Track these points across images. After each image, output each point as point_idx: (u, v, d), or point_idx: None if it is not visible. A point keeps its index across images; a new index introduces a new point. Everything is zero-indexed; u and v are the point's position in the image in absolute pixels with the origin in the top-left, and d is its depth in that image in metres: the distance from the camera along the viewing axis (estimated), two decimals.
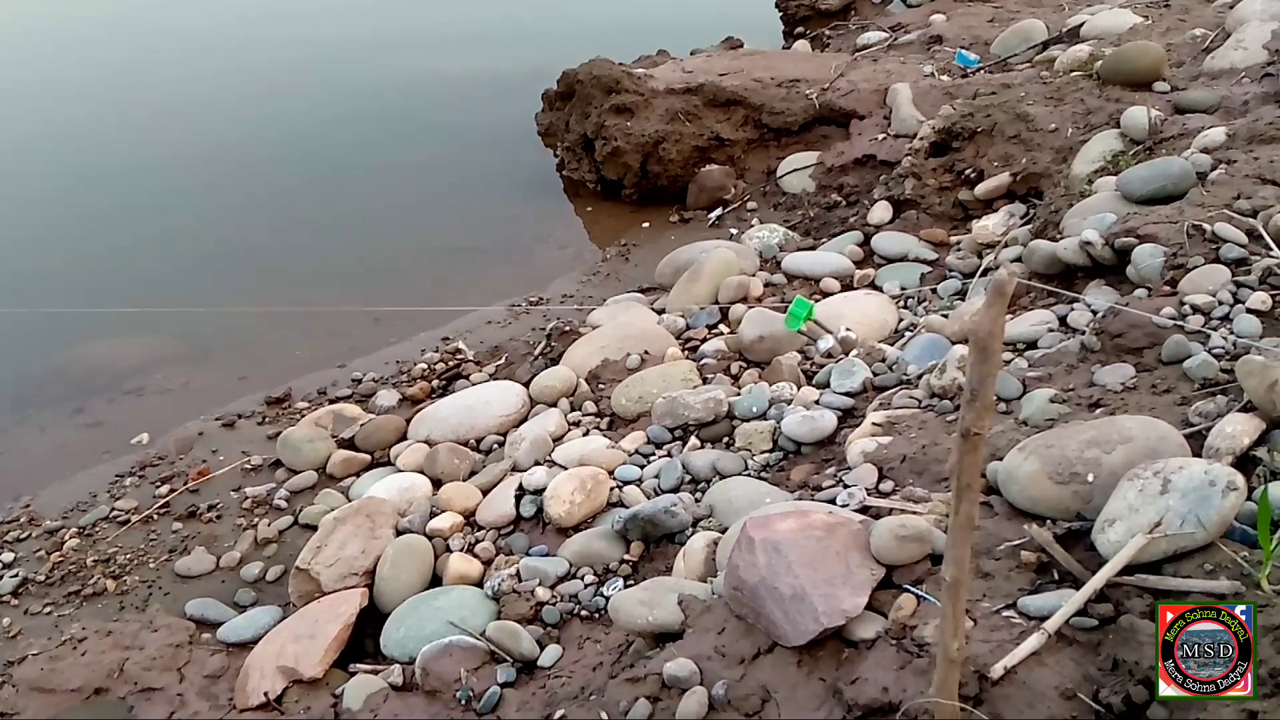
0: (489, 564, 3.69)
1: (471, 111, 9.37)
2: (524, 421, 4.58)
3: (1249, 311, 3.29)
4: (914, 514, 2.76)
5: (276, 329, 5.87)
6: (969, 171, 5.76)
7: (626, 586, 3.26)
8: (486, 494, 4.07)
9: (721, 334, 5.01)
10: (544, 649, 3.18)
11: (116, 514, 4.50)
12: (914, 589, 2.46)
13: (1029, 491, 2.67)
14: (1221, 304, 3.38)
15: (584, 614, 3.31)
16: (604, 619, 3.22)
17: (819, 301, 5.03)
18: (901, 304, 5.03)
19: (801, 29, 9.92)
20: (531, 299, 6.17)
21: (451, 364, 5.36)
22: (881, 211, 5.98)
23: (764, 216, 6.72)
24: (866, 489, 3.11)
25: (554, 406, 4.62)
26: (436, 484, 4.25)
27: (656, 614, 2.81)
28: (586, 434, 4.36)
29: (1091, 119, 5.42)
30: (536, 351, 5.22)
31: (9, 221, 7.90)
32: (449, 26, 12.11)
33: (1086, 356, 3.50)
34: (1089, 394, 3.22)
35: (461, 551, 3.77)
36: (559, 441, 4.30)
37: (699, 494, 3.66)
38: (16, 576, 4.15)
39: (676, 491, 3.69)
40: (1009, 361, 3.72)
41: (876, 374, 4.08)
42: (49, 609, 3.98)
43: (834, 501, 3.07)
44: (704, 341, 4.95)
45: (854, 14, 9.69)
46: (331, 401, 5.19)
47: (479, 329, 5.87)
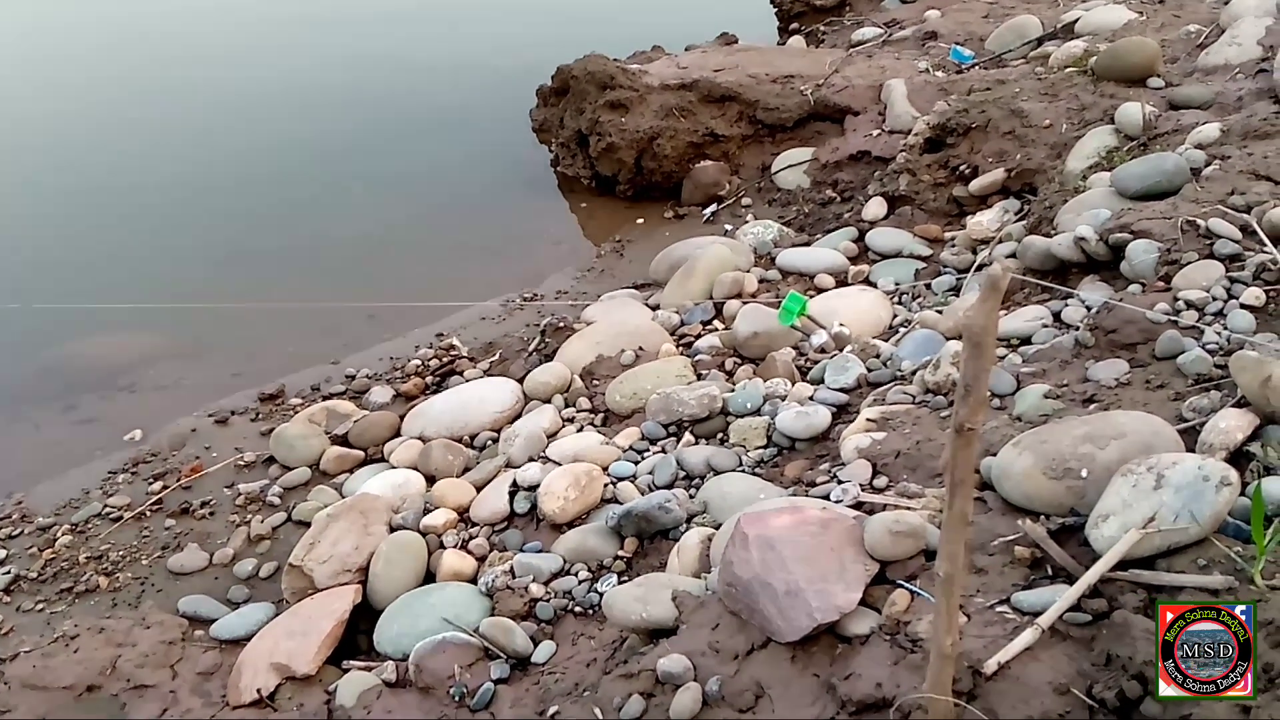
0: (483, 560, 3.69)
1: (465, 107, 9.34)
2: (518, 418, 4.58)
3: (1243, 307, 3.29)
4: (908, 509, 2.76)
5: (270, 325, 5.85)
6: (963, 167, 5.76)
7: (620, 583, 3.26)
8: (480, 490, 4.06)
9: (716, 330, 5.01)
10: (538, 645, 3.17)
11: (109, 511, 4.48)
12: (908, 584, 2.46)
13: (1023, 487, 2.67)
14: (1215, 300, 3.38)
15: (578, 610, 3.30)
16: (598, 615, 3.22)
17: (813, 298, 5.02)
18: (896, 300, 5.03)
19: (796, 25, 9.90)
20: (526, 295, 6.16)
21: (445, 360, 5.35)
22: (876, 207, 5.98)
23: (759, 213, 6.71)
24: (861, 485, 3.10)
25: (548, 403, 4.62)
26: (430, 480, 4.25)
27: (650, 610, 2.81)
28: (580, 430, 4.35)
29: (1086, 115, 5.42)
30: (531, 348, 5.21)
31: (2, 218, 7.86)
32: (442, 22, 12.08)
33: (1080, 352, 3.50)
34: (1083, 389, 3.22)
35: (455, 548, 3.76)
36: (553, 438, 4.30)
37: (693, 490, 3.66)
38: (9, 574, 4.13)
39: (670, 488, 3.69)
40: (1003, 357, 3.72)
41: (871, 370, 4.08)
42: (41, 606, 3.97)
43: (828, 497, 3.07)
44: (698, 338, 4.95)
45: (849, 10, 9.68)
46: (325, 398, 5.18)
47: (473, 325, 5.86)
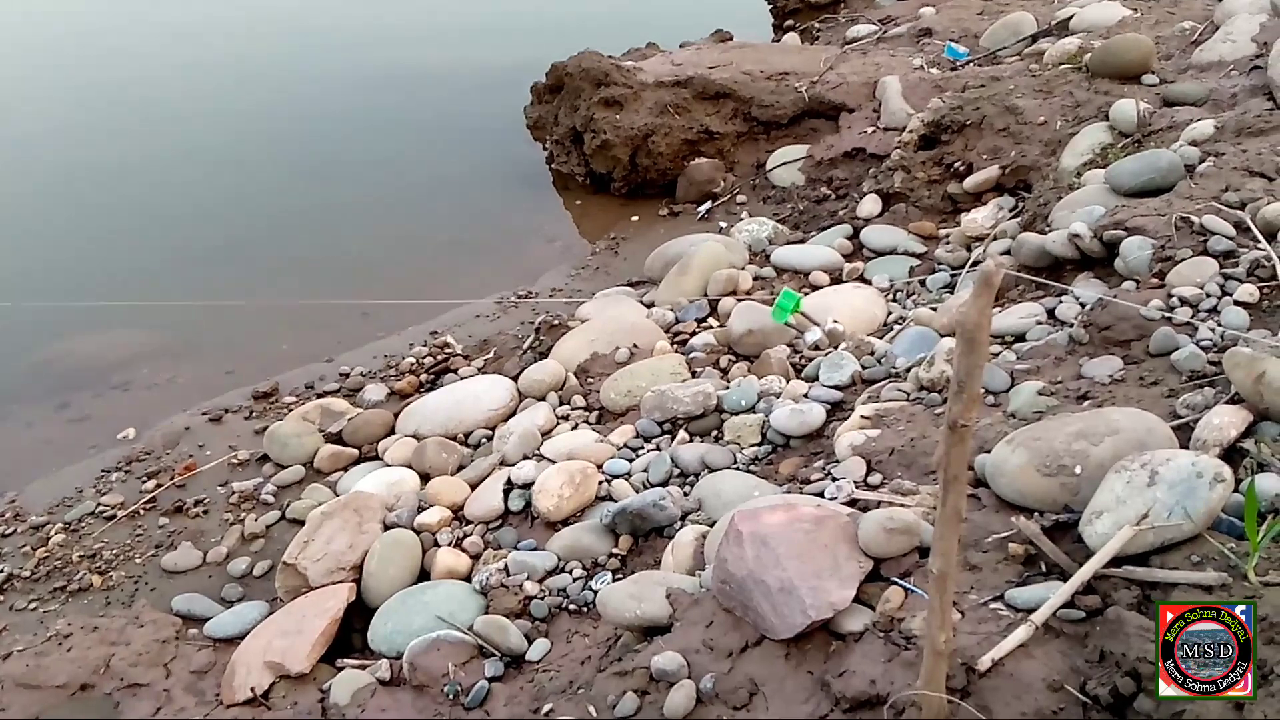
0: (477, 558, 3.68)
1: (459, 105, 9.34)
2: (512, 415, 4.57)
3: (1237, 304, 3.29)
4: (902, 506, 2.75)
5: (263, 323, 5.84)
6: (958, 164, 5.77)
7: (615, 580, 3.25)
8: (475, 488, 4.05)
9: (710, 327, 5.00)
10: (532, 643, 3.17)
11: (102, 509, 4.47)
12: (902, 581, 2.46)
13: (1017, 484, 2.67)
14: (1209, 296, 3.38)
15: (572, 608, 3.30)
16: (592, 613, 3.21)
17: (808, 295, 5.03)
18: (890, 297, 5.03)
19: (791, 22, 9.92)
20: (520, 293, 6.15)
21: (440, 358, 5.34)
22: (871, 205, 5.98)
23: (753, 210, 6.72)
24: (855, 482, 3.10)
25: (542, 400, 4.61)
26: (424, 478, 4.23)
27: (644, 608, 2.81)
28: (575, 428, 4.35)
29: (1080, 112, 5.43)
30: (525, 345, 5.21)
31: None
32: (436, 19, 12.06)
33: (1075, 349, 3.50)
34: (1077, 386, 3.22)
35: (449, 546, 3.75)
36: (547, 435, 4.29)
37: (687, 487, 3.65)
38: (1, 573, 4.12)
39: (665, 485, 3.68)
40: (997, 354, 3.72)
41: (865, 367, 4.08)
42: (34, 605, 3.96)
43: (822, 494, 3.06)
44: (693, 335, 4.94)
45: (843, 7, 9.69)
46: (319, 396, 5.17)
47: (467, 323, 5.85)
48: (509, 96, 8.50)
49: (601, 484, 3.80)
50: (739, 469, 3.69)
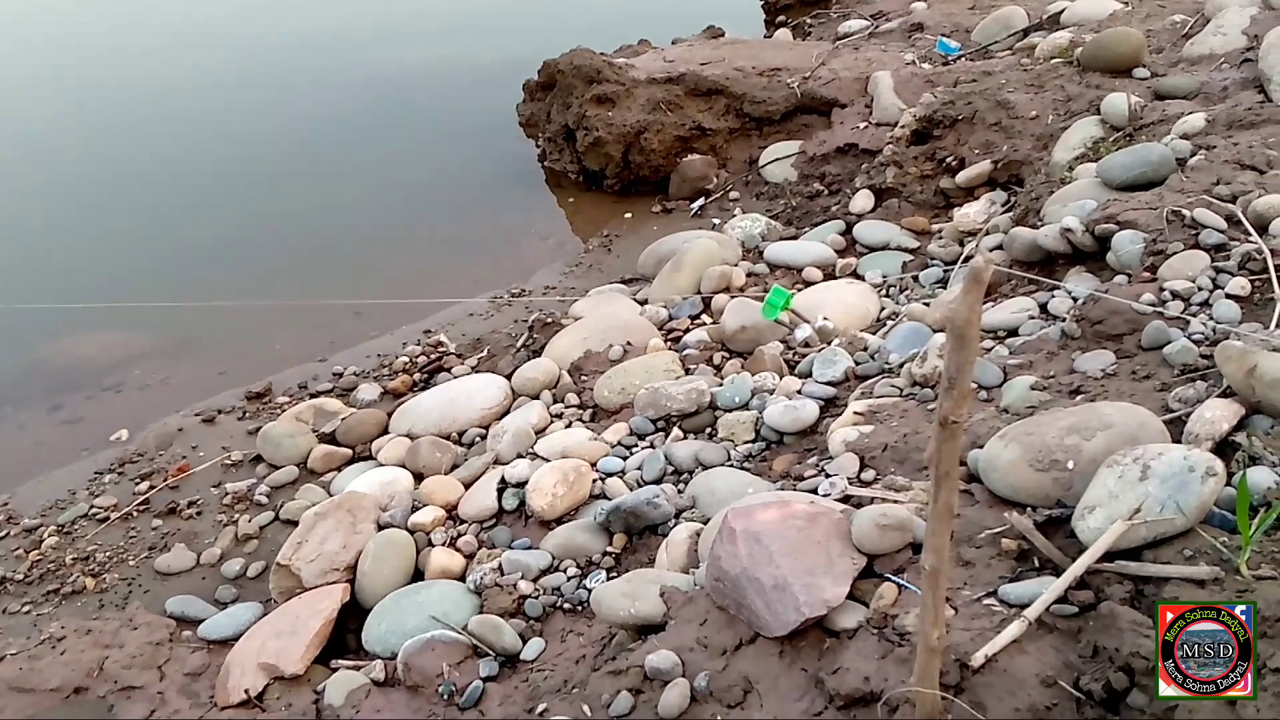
0: (471, 558, 3.68)
1: (451, 102, 9.31)
2: (506, 414, 4.57)
3: (1228, 297, 3.29)
4: (895, 503, 2.75)
5: (256, 323, 5.82)
6: (950, 159, 5.77)
7: (609, 579, 3.25)
8: (468, 487, 4.05)
9: (704, 324, 5.00)
10: (526, 642, 3.16)
11: (96, 511, 4.46)
12: (895, 578, 2.46)
13: (1009, 479, 2.67)
14: (1201, 290, 3.38)
15: (566, 607, 3.29)
16: (586, 612, 3.21)
17: (801, 291, 5.03)
18: (883, 293, 5.03)
19: (783, 17, 9.90)
20: (513, 291, 6.14)
21: (433, 357, 5.33)
22: (863, 200, 5.98)
23: (746, 206, 6.71)
24: (848, 478, 3.10)
25: (536, 399, 4.61)
26: (418, 478, 4.23)
27: (639, 606, 2.81)
28: (569, 426, 4.34)
29: (1072, 106, 5.42)
30: (518, 343, 5.20)
31: None
32: (427, 16, 12.03)
33: (1067, 343, 3.50)
34: (1069, 381, 3.22)
35: (443, 545, 3.74)
36: (541, 434, 4.29)
37: (681, 485, 3.65)
38: None
39: (659, 483, 3.69)
40: (989, 349, 3.72)
41: (858, 363, 4.08)
42: (27, 608, 3.95)
43: (816, 491, 3.06)
44: (686, 332, 4.93)
45: (835, 2, 9.66)
46: (312, 396, 5.16)
47: (460, 321, 5.84)
48: (501, 94, 8.48)
49: (595, 482, 3.80)
50: (733, 466, 3.69)
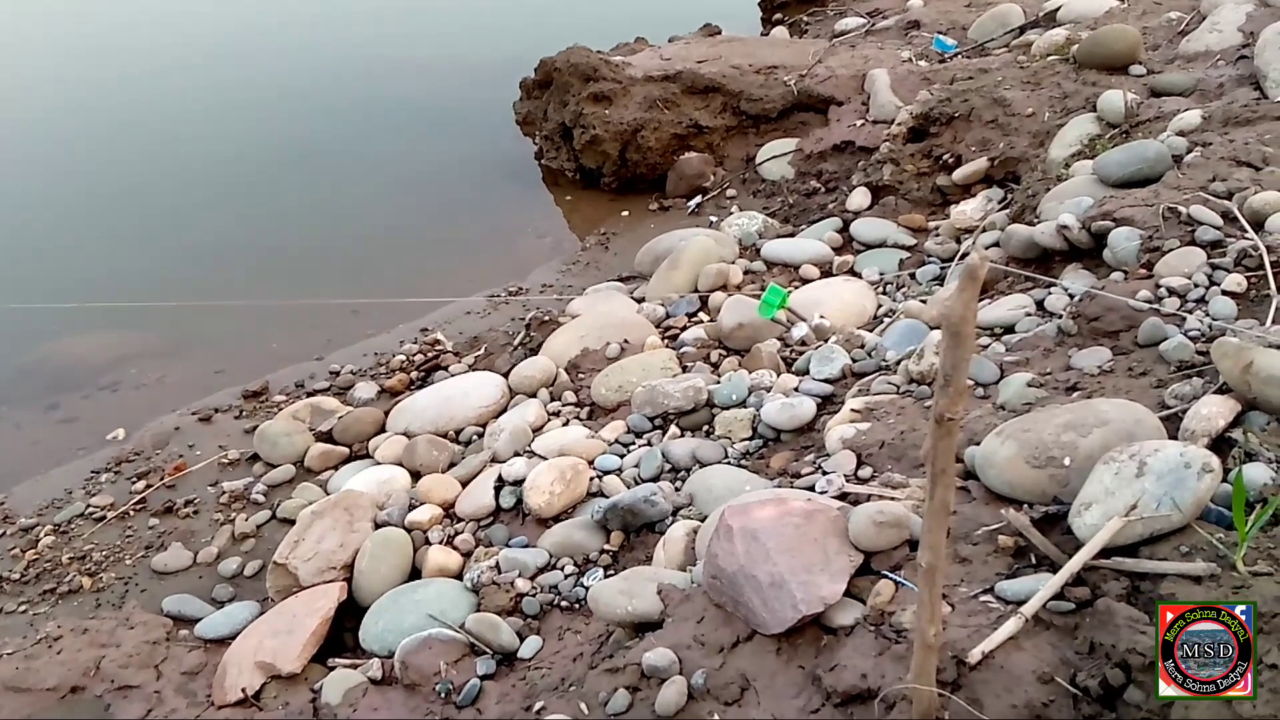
0: (468, 556, 3.67)
1: (448, 100, 9.29)
2: (503, 412, 4.56)
3: (1224, 294, 3.30)
4: (892, 500, 2.76)
5: (253, 322, 5.81)
6: (947, 157, 5.77)
7: (606, 577, 3.25)
8: (466, 486, 4.04)
9: (701, 322, 5.00)
10: (524, 640, 3.16)
11: (92, 511, 4.45)
12: (892, 575, 2.46)
13: (1006, 476, 2.67)
14: (1197, 286, 3.39)
15: (564, 605, 3.29)
16: (584, 610, 3.21)
17: (798, 288, 5.03)
18: (880, 290, 5.03)
19: (779, 15, 9.88)
20: (510, 289, 6.14)
21: (430, 355, 5.33)
22: (860, 198, 5.98)
23: (743, 204, 6.70)
24: (845, 475, 3.10)
25: (533, 397, 4.60)
26: (415, 476, 4.23)
27: (636, 604, 2.81)
28: (566, 424, 4.34)
29: (1068, 103, 5.42)
30: (516, 342, 5.20)
31: None
32: (423, 14, 12.02)
33: (1063, 340, 3.50)
34: (1066, 378, 3.22)
35: (441, 544, 3.74)
36: (538, 432, 4.28)
37: (679, 483, 3.65)
38: None
39: (656, 480, 3.68)
40: (986, 346, 3.72)
41: (855, 360, 4.08)
42: (24, 607, 3.94)
43: (813, 488, 3.07)
44: (684, 330, 4.93)
45: (831, 0, 9.66)
46: (309, 394, 5.15)
47: (458, 320, 5.83)
48: (497, 92, 8.47)
49: (593, 480, 3.80)
50: (730, 464, 3.69)
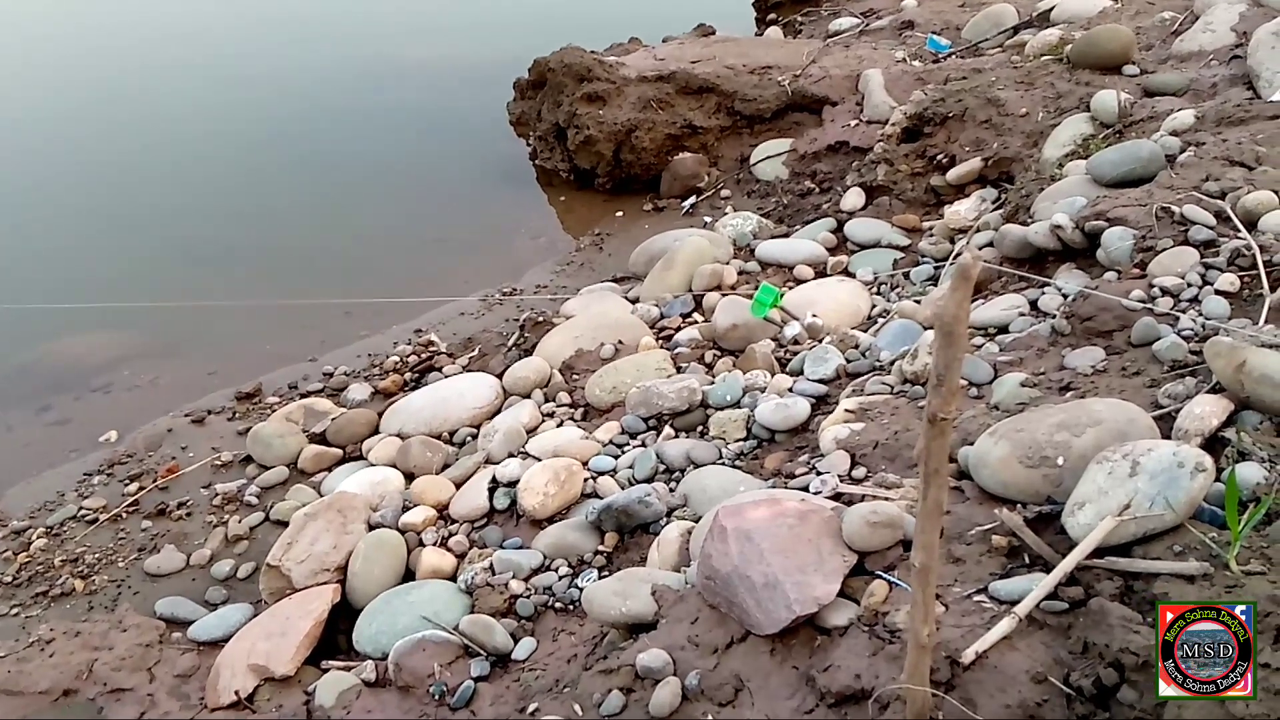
0: (462, 557, 3.67)
1: (442, 100, 9.29)
2: (497, 413, 4.55)
3: (1217, 293, 3.30)
4: (886, 500, 2.75)
5: (246, 323, 5.80)
6: (941, 157, 5.77)
7: (600, 578, 3.24)
8: (459, 487, 4.04)
9: (695, 322, 4.99)
10: (518, 642, 3.16)
11: (85, 513, 4.44)
12: (886, 575, 2.46)
13: (999, 475, 2.67)
14: (1190, 286, 3.39)
15: (558, 606, 3.29)
16: (578, 611, 3.21)
17: (792, 289, 5.03)
18: (874, 290, 5.03)
19: (773, 16, 9.90)
20: (505, 289, 6.13)
21: (424, 356, 5.32)
22: (854, 198, 5.98)
23: (738, 204, 6.70)
24: (839, 476, 3.10)
25: (527, 398, 4.60)
26: (409, 478, 4.22)
27: (630, 605, 2.80)
28: (560, 425, 4.33)
29: (1062, 103, 5.43)
30: (510, 342, 5.19)
31: None
32: (417, 14, 12.01)
33: (1057, 340, 3.50)
34: (1059, 377, 3.22)
35: (434, 545, 3.73)
36: (532, 433, 4.28)
37: (673, 484, 3.64)
38: None
39: (651, 481, 3.68)
40: (980, 346, 3.72)
41: (850, 360, 4.08)
42: (16, 610, 3.93)
43: (807, 489, 3.06)
44: (678, 330, 4.92)
45: (825, 0, 9.67)
46: (302, 396, 5.15)
47: (451, 320, 5.83)
48: (491, 92, 8.46)
49: (587, 481, 3.79)
50: (724, 464, 3.69)
